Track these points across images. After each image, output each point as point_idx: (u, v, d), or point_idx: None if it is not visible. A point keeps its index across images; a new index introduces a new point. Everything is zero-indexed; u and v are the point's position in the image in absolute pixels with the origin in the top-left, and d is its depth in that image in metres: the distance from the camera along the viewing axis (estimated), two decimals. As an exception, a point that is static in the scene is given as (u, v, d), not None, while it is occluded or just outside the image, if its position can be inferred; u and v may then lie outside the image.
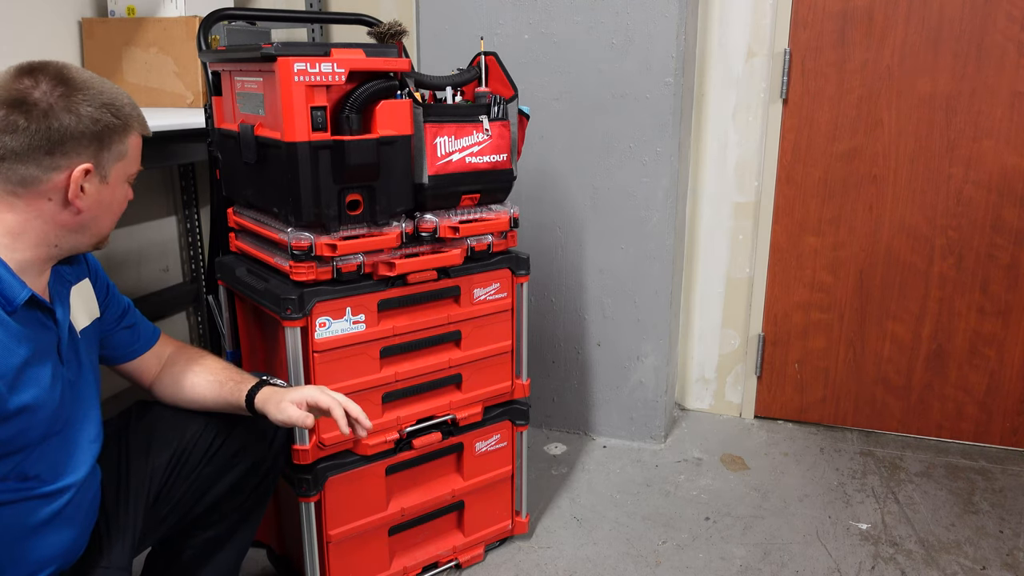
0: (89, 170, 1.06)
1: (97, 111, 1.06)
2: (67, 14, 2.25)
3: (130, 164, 1.13)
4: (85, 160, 1.05)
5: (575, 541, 1.95)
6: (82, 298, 1.21)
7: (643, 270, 2.31)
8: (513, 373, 1.79)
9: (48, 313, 1.10)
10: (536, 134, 2.27)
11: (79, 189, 1.05)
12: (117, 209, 1.15)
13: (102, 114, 1.06)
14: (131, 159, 1.13)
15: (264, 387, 1.31)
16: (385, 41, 1.63)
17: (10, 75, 1.03)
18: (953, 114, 2.23)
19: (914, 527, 2.00)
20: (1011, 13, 2.13)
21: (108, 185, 1.10)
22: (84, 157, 1.05)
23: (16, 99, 1.01)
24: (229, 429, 1.35)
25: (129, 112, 1.11)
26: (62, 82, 1.04)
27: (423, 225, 1.56)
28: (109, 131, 1.07)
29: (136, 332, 1.35)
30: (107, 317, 1.29)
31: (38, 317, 1.08)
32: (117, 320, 1.32)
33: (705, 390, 2.67)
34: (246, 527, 1.44)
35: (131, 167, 1.14)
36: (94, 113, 1.05)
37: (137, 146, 1.14)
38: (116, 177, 1.11)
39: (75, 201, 1.06)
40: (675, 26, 2.11)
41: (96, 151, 1.06)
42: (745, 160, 2.43)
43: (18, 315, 1.03)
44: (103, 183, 1.09)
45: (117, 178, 1.11)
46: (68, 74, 1.06)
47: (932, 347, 2.41)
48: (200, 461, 1.32)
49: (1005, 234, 2.27)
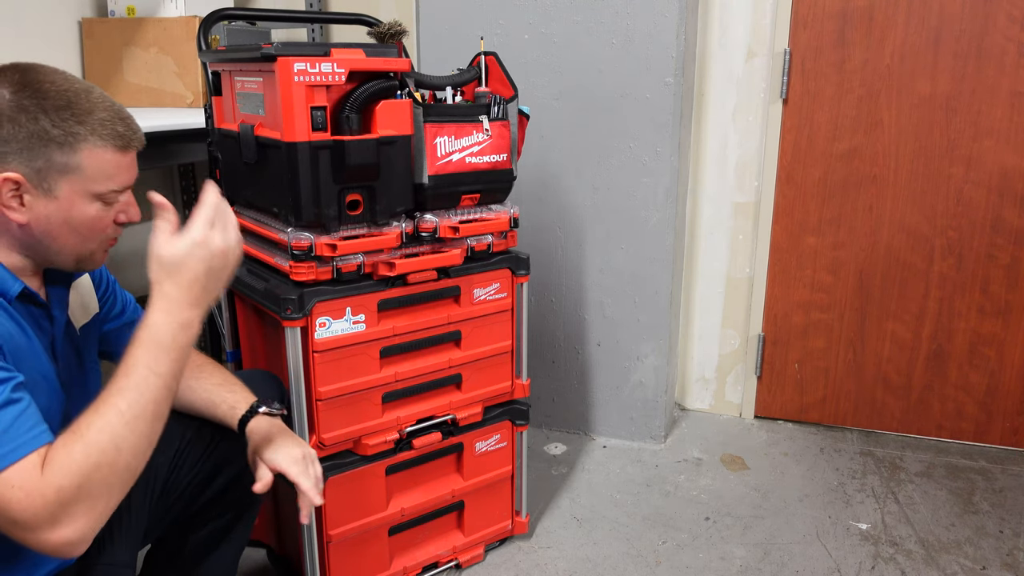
0: (16, 181, 0.98)
1: (42, 120, 0.98)
2: (67, 14, 2.25)
3: (91, 181, 1.02)
4: (12, 170, 0.98)
5: (575, 541, 1.95)
6: (80, 294, 1.21)
7: (643, 270, 2.31)
8: (513, 373, 1.79)
9: (43, 310, 1.10)
10: (536, 134, 2.27)
11: (12, 199, 0.99)
12: (85, 230, 1.05)
13: (45, 123, 0.98)
14: (92, 175, 1.02)
15: (255, 417, 1.28)
16: (385, 41, 1.63)
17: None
18: (953, 114, 2.23)
19: (914, 527, 2.00)
20: (1011, 13, 2.13)
21: (57, 200, 1.01)
22: (13, 166, 0.98)
23: None
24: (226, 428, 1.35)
25: (91, 126, 1.01)
26: (23, 87, 0.99)
27: (423, 225, 1.56)
28: (45, 142, 0.98)
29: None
30: (107, 313, 1.30)
31: (33, 313, 1.07)
32: (118, 316, 1.32)
33: (705, 390, 2.67)
34: (245, 521, 1.44)
35: (96, 184, 1.03)
36: (36, 122, 0.98)
37: (106, 161, 1.03)
38: (69, 193, 1.01)
39: (7, 212, 0.99)
40: (675, 26, 2.12)
41: (27, 161, 0.98)
42: (745, 160, 2.43)
43: (13, 307, 1.03)
44: (48, 197, 1.00)
45: (72, 194, 1.02)
46: (31, 78, 1.00)
47: (932, 347, 2.41)
48: (201, 457, 1.32)
49: (1005, 234, 2.27)
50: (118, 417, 0.94)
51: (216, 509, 1.39)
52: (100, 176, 1.03)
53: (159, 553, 1.42)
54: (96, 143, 1.02)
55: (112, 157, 1.04)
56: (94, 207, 1.04)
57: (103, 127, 1.02)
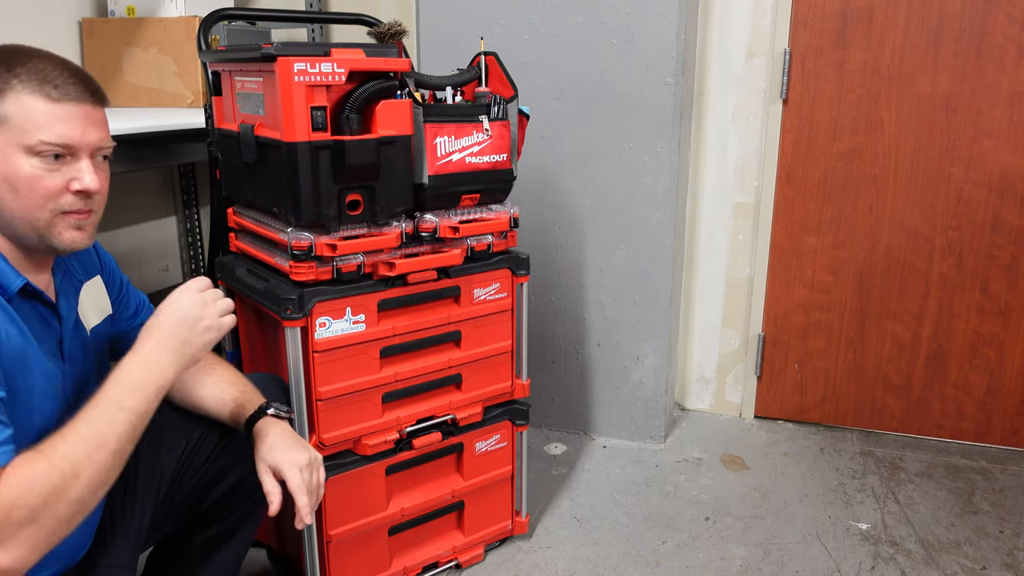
0: None
1: None
2: (67, 14, 2.25)
3: (20, 132, 0.98)
4: None
5: (575, 541, 1.95)
6: (93, 295, 1.21)
7: (643, 270, 2.31)
8: (513, 373, 1.79)
9: (50, 308, 1.09)
10: (536, 134, 2.27)
11: None
12: (25, 189, 1.00)
13: None
14: (19, 125, 0.98)
15: (263, 417, 1.27)
16: (385, 41, 1.63)
17: None
18: (953, 114, 2.23)
19: (914, 527, 2.00)
20: (1011, 13, 2.13)
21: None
22: None
23: None
24: (234, 430, 1.35)
25: (21, 75, 0.98)
26: None
27: (423, 225, 1.56)
28: None
29: None
30: (121, 314, 1.30)
31: (38, 310, 1.07)
32: (131, 317, 1.33)
33: (705, 390, 2.67)
34: (247, 525, 1.44)
35: (24, 136, 0.98)
36: None
37: (33, 110, 0.98)
38: (2, 146, 0.98)
39: None
40: (675, 26, 2.12)
41: None
42: (745, 160, 2.43)
43: (14, 304, 1.02)
44: None
45: (4, 147, 0.98)
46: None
47: (932, 347, 2.41)
48: (206, 461, 1.32)
49: (1005, 234, 2.27)
50: (81, 445, 0.94)
51: (220, 512, 1.38)
52: (28, 126, 0.98)
53: (162, 554, 1.42)
54: (23, 91, 0.98)
55: (43, 105, 0.99)
56: (28, 163, 0.99)
57: (34, 75, 0.99)
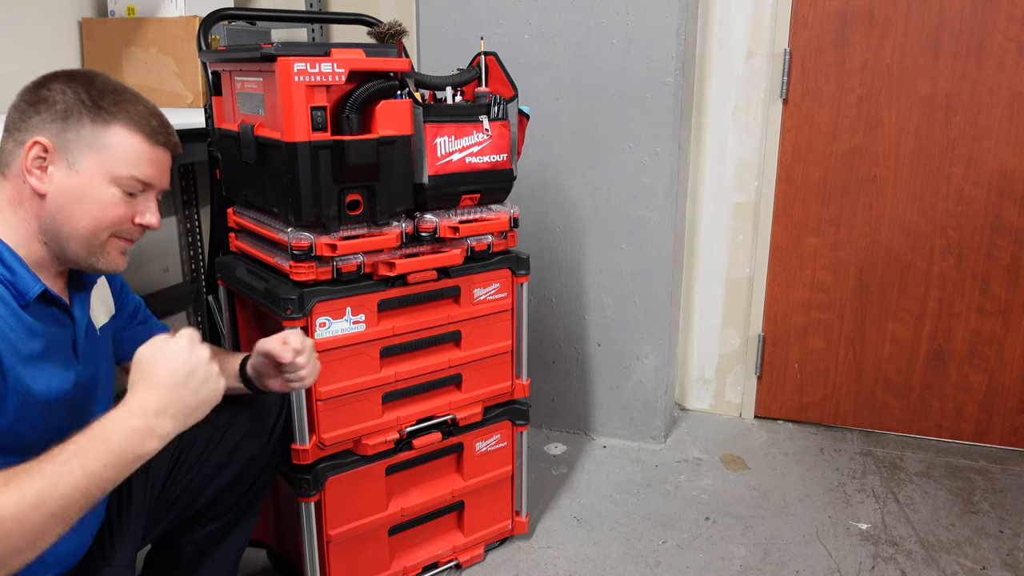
0: (44, 145, 1.02)
1: (83, 94, 1.03)
2: (67, 14, 2.25)
3: (113, 162, 1.04)
4: (44, 136, 1.02)
5: (575, 541, 1.95)
6: (100, 295, 1.22)
7: (643, 270, 2.31)
8: (513, 373, 1.79)
9: (64, 311, 1.10)
10: (536, 134, 2.27)
11: (36, 166, 1.02)
12: (98, 211, 1.05)
13: (81, 97, 1.03)
14: (114, 156, 1.04)
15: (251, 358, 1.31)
16: (385, 41, 1.63)
17: None
18: (953, 114, 2.23)
19: (914, 527, 2.00)
20: (1011, 13, 2.13)
21: (78, 174, 1.03)
22: (44, 133, 1.02)
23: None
24: (227, 425, 1.35)
25: (127, 110, 1.05)
26: (77, 77, 1.05)
27: (423, 225, 1.56)
28: (79, 113, 1.03)
29: (148, 329, 1.36)
30: (121, 314, 1.30)
31: (54, 314, 1.08)
32: (130, 317, 1.33)
33: (705, 390, 2.67)
34: (245, 522, 1.45)
35: (116, 166, 1.05)
36: (74, 95, 1.03)
37: (132, 146, 1.06)
38: (90, 169, 1.03)
39: (30, 176, 1.02)
40: (675, 26, 2.12)
41: (59, 130, 1.02)
42: (745, 160, 2.43)
43: (31, 309, 1.03)
44: (70, 170, 1.03)
45: (92, 170, 1.03)
46: (86, 72, 1.07)
47: (932, 347, 2.41)
48: (200, 457, 1.33)
49: (1005, 234, 2.27)
50: (17, 499, 0.84)
51: (217, 510, 1.39)
52: (124, 160, 1.05)
53: (160, 553, 1.42)
54: (127, 125, 1.05)
55: (140, 144, 1.06)
56: (111, 191, 1.05)
57: (138, 114, 1.06)
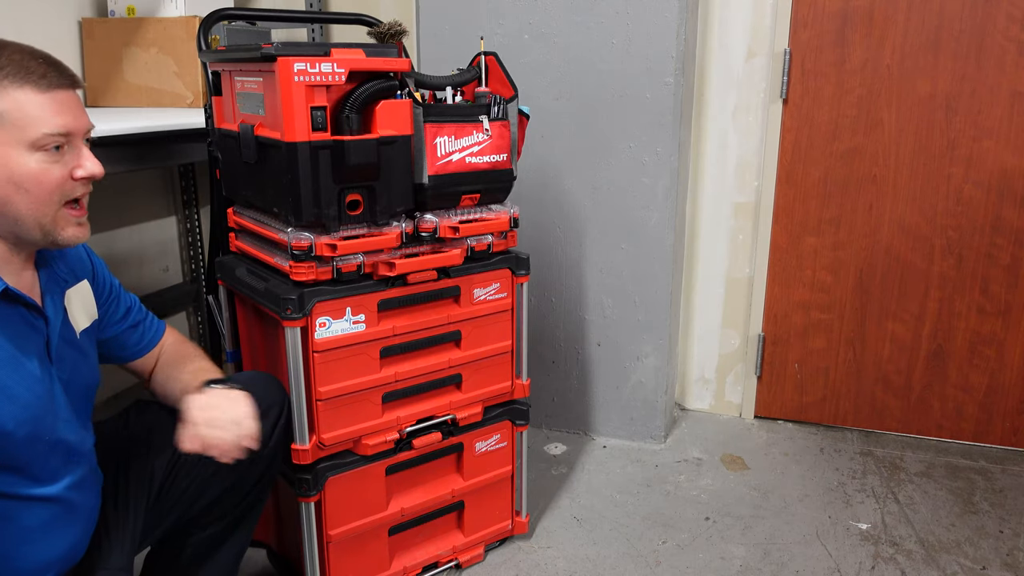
0: None
1: None
2: (67, 14, 2.25)
3: (19, 128, 0.95)
4: None
5: (575, 541, 1.95)
6: (81, 299, 1.21)
7: (643, 270, 2.31)
8: (513, 373, 1.79)
9: (34, 311, 1.08)
10: (536, 134, 2.27)
11: None
12: (33, 186, 0.97)
13: None
14: (17, 123, 0.95)
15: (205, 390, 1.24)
16: (385, 41, 1.63)
17: None
18: (953, 114, 2.23)
19: (914, 527, 2.00)
20: (1011, 13, 2.13)
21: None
22: None
23: None
24: None
25: (2, 69, 0.95)
26: None
27: (423, 225, 1.56)
28: None
29: (141, 331, 1.35)
30: (110, 317, 1.29)
31: (21, 313, 1.06)
32: (121, 320, 1.32)
33: (705, 390, 2.67)
34: (244, 525, 1.44)
35: (25, 131, 0.96)
36: None
37: (27, 105, 0.95)
38: (2, 145, 0.95)
39: None
40: (675, 26, 2.11)
41: None
42: (745, 160, 2.43)
43: None
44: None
45: (5, 147, 0.95)
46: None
47: (932, 347, 2.41)
48: (198, 460, 1.31)
49: (1005, 234, 2.27)
50: None
51: (217, 513, 1.38)
52: (28, 121, 0.96)
53: (160, 555, 1.42)
54: (13, 83, 0.95)
55: (35, 97, 0.97)
56: (34, 159, 0.98)
57: (18, 66, 0.96)
